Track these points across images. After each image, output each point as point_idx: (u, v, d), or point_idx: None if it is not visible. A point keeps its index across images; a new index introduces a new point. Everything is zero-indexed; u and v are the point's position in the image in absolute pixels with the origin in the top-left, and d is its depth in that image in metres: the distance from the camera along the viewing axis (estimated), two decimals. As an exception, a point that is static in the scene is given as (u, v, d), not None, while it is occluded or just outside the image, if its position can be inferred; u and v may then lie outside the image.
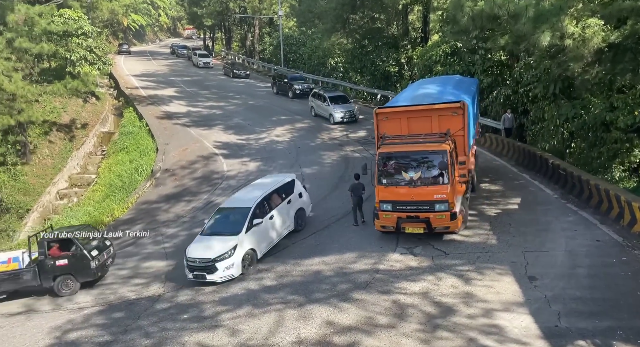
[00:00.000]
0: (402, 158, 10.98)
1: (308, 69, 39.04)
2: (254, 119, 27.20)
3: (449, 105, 11.44)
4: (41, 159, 26.68)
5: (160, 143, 24.67)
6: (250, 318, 9.11)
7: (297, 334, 8.31)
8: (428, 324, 8.21)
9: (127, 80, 38.43)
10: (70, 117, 29.33)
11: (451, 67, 22.65)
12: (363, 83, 32.38)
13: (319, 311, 8.97)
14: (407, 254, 10.93)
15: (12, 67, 23.45)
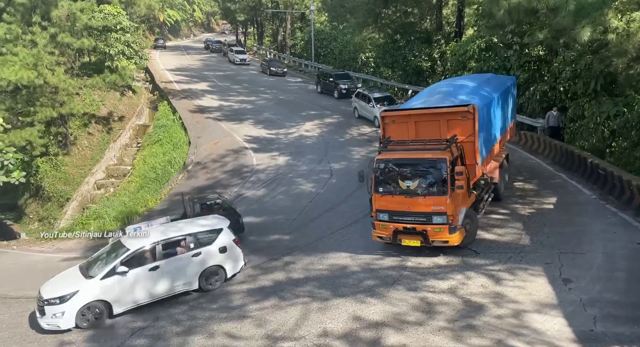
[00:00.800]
0: (400, 166, 10.23)
1: (339, 64, 38.88)
2: (283, 114, 27.38)
3: (456, 109, 10.64)
4: (80, 150, 27.76)
5: (192, 136, 25.23)
6: (276, 310, 9.23)
7: (323, 327, 8.36)
8: (456, 322, 8.10)
9: (162, 74, 39.41)
10: (108, 110, 30.35)
11: (486, 63, 22.08)
12: (394, 78, 32.00)
13: (345, 306, 9.00)
14: (436, 251, 10.79)
15: (55, 61, 24.43)
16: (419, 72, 30.74)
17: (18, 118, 24.36)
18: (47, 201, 25.32)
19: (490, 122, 11.72)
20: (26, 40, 23.73)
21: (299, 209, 14.96)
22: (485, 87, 12.81)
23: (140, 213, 18.33)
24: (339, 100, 29.20)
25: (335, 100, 29.32)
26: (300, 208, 15.00)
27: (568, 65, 17.94)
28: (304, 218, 14.27)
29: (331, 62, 40.21)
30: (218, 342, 8.31)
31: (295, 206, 15.27)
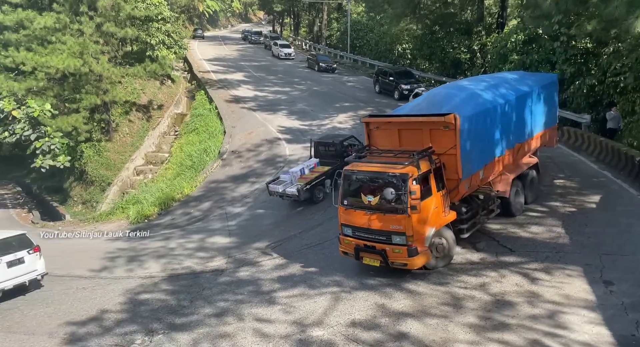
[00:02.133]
0: (364, 179, 9.54)
1: (374, 56, 38.46)
2: (317, 105, 27.38)
3: (435, 119, 9.52)
4: (122, 136, 28.82)
5: (227, 126, 25.68)
6: (305, 298, 9.32)
7: (350, 318, 8.38)
8: (487, 320, 7.93)
9: (200, 64, 40.18)
10: (148, 99, 31.28)
11: (528, 56, 21.25)
12: (431, 71, 31.36)
13: (373, 298, 8.98)
14: (469, 248, 10.56)
15: (100, 50, 25.39)
16: (457, 64, 29.97)
17: (65, 105, 25.50)
18: (90, 185, 26.50)
19: (491, 131, 10.38)
20: (73, 30, 24.74)
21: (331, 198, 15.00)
22: (497, 90, 11.21)
23: (177, 199, 18.89)
24: (400, 101, 25.13)
25: (395, 101, 25.30)
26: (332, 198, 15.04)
27: (618, 58, 17.00)
28: (336, 208, 14.30)
29: (367, 54, 39.78)
30: (248, 325, 8.50)
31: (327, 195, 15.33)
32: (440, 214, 9.45)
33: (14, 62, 23.25)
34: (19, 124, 23.36)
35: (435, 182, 9.37)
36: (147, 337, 8.43)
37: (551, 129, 13.14)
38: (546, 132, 12.79)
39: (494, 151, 10.56)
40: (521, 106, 11.48)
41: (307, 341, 7.82)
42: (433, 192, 9.33)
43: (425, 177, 9.21)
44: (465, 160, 9.56)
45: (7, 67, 24.64)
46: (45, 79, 23.68)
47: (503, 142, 10.82)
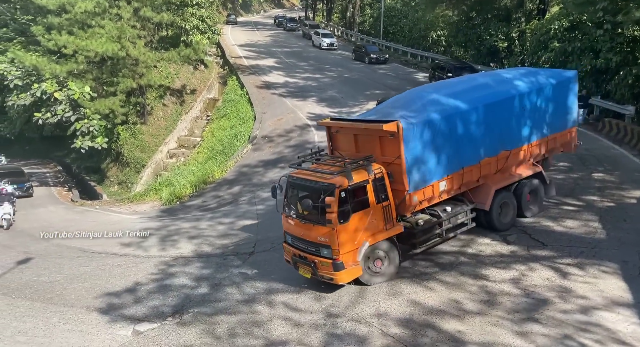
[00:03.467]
0: (298, 187, 9.22)
1: (407, 42, 37.72)
2: (347, 93, 27.18)
3: (374, 126, 9.11)
4: (156, 120, 29.53)
5: (258, 112, 25.89)
6: (333, 286, 9.36)
7: (377, 307, 8.42)
8: (517, 314, 7.81)
9: (232, 49, 40.48)
10: (182, 83, 31.84)
11: (570, 44, 20.39)
12: (466, 58, 30.51)
13: (399, 288, 8.97)
14: (499, 240, 10.37)
15: (137, 35, 25.93)
16: (494, 52, 29.04)
17: (103, 88, 26.28)
18: (126, 166, 27.39)
19: (459, 139, 9.53)
20: (112, 14, 25.31)
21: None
22: (474, 93, 10.20)
23: (208, 183, 19.31)
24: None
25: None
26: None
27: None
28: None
29: (400, 40, 39.04)
30: (278, 312, 8.65)
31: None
32: (379, 227, 8.92)
33: (56, 45, 24.06)
34: (60, 105, 24.27)
35: (375, 194, 8.81)
36: (177, 315, 8.73)
37: (563, 133, 11.41)
38: (556, 136, 11.22)
39: (462, 160, 9.62)
40: (507, 110, 10.24)
41: (336, 329, 7.89)
42: (371, 204, 8.80)
43: (360, 188, 8.70)
44: (414, 171, 8.98)
45: (50, 50, 25.53)
46: (85, 62, 24.44)
47: (478, 150, 9.82)
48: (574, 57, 20.29)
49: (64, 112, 24.26)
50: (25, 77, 25.79)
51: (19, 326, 8.68)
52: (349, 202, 8.56)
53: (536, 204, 11.24)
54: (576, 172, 13.99)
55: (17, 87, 25.96)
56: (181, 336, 8.06)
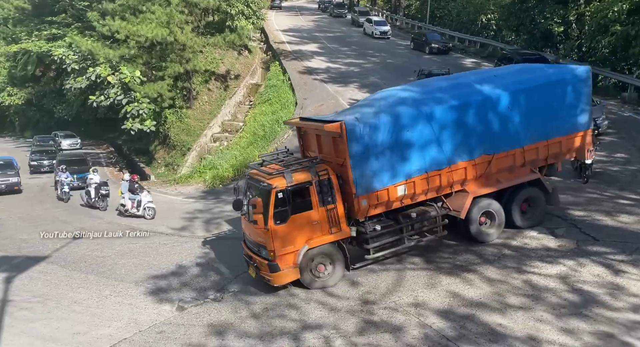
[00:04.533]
0: (252, 186, 9.13)
1: (455, 27, 36.38)
2: (390, 79, 26.64)
3: (317, 125, 8.98)
4: (201, 104, 30.29)
5: (299, 97, 25.95)
6: (369, 273, 9.39)
7: (415, 296, 8.37)
8: (563, 309, 7.53)
9: (275, 35, 40.61)
10: (226, 68, 32.37)
11: (634, 27, 18.92)
12: (518, 43, 29.08)
13: (439, 278, 8.86)
14: (547, 233, 9.98)
15: (184, 20, 26.53)
16: (548, 36, 27.47)
17: (152, 72, 27.19)
18: (172, 149, 28.38)
19: (412, 142, 8.96)
20: (161, 0, 26.00)
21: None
22: (448, 92, 9.54)
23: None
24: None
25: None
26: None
27: None
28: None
29: (447, 24, 37.71)
30: (313, 295, 8.80)
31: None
32: (323, 231, 8.71)
33: (109, 31, 25.05)
34: (112, 89, 25.37)
35: (319, 196, 8.62)
36: (220, 294, 9.07)
37: (571, 137, 10.15)
38: (560, 140, 10.04)
39: (425, 164, 9.08)
40: (485, 111, 9.42)
41: (372, 316, 7.93)
42: (314, 206, 8.61)
43: (301, 190, 8.54)
44: (361, 174, 8.61)
45: (104, 35, 26.62)
46: (136, 47, 25.32)
47: (446, 153, 9.18)
48: (637, 42, 18.86)
49: (116, 95, 25.36)
50: (81, 62, 27.12)
51: (74, 296, 9.31)
52: (287, 203, 8.39)
53: (535, 214, 10.17)
54: (634, 164, 13.17)
55: (74, 71, 27.38)
56: (222, 313, 8.37)
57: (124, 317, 8.37)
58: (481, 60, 29.50)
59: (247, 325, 7.94)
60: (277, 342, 7.40)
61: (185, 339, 7.53)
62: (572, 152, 10.46)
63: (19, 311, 8.71)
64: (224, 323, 8.06)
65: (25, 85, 37.76)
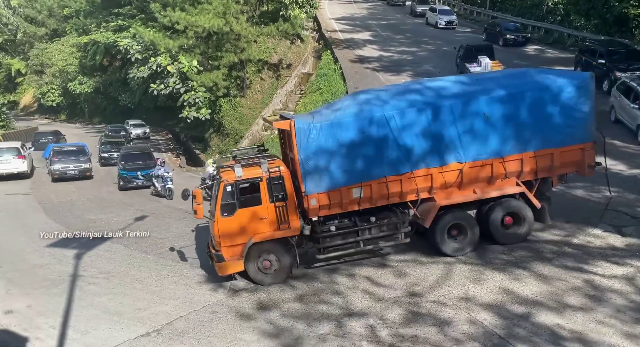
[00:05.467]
0: (214, 178, 9.32)
1: (517, 12, 34.46)
2: (445, 67, 25.81)
3: (272, 123, 8.80)
4: (254, 93, 30.93)
5: (350, 87, 25.77)
6: (417, 265, 9.29)
7: (465, 290, 8.18)
8: (629, 313, 7.06)
9: (328, 23, 40.45)
10: (279, 58, 32.74)
11: None
12: (587, 28, 27.07)
13: (491, 274, 8.59)
14: (613, 232, 9.37)
15: (240, 10, 27.04)
16: (623, 21, 25.32)
17: (208, 62, 28.04)
18: (226, 137, 29.29)
19: (368, 145, 8.79)
20: (218, -10, 26.58)
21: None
22: (420, 94, 9.30)
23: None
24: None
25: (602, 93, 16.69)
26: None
27: None
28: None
29: (509, 10, 35.78)
30: (359, 284, 8.85)
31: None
32: (271, 227, 8.81)
33: (170, 22, 26.05)
34: (172, 78, 26.48)
35: (269, 192, 8.72)
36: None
37: (566, 149, 9.26)
38: (552, 153, 9.20)
39: (383, 168, 8.84)
40: (456, 117, 8.91)
41: (419, 308, 7.86)
42: (263, 201, 8.73)
43: (250, 185, 8.78)
44: (310, 173, 8.61)
45: (165, 26, 27.72)
46: (194, 37, 26.18)
47: (408, 159, 8.86)
48: None
49: (174, 84, 26.44)
50: (144, 52, 28.47)
51: (136, 274, 9.95)
52: (235, 196, 8.64)
53: (519, 230, 9.42)
54: None
55: (137, 60, 28.81)
56: (270, 297, 8.61)
57: (179, 296, 8.83)
58: (561, 51, 26.38)
59: (293, 309, 8.11)
60: (322, 327, 7.50)
61: (237, 321, 7.84)
62: (569, 167, 9.50)
63: (87, 286, 9.44)
64: (272, 306, 8.28)
65: (94, 75, 40.33)
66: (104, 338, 7.44)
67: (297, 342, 7.20)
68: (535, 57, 26.04)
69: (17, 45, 52.40)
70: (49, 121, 45.96)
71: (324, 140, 8.63)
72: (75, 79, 41.24)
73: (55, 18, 48.06)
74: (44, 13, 48.68)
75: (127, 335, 7.50)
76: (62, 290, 9.21)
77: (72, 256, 10.84)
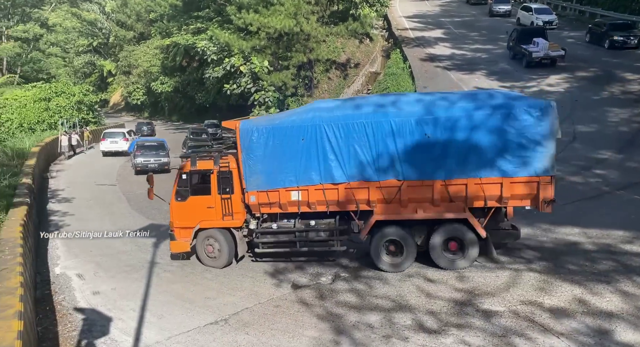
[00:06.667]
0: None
1: (609, 5, 31.58)
2: (523, 65, 24.45)
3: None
4: (321, 93, 31.29)
5: (419, 86, 25.20)
6: (481, 269, 8.99)
7: (534, 299, 7.73)
8: None
9: (398, 21, 39.82)
10: (347, 57, 32.86)
11: None
12: None
13: (568, 285, 8.02)
14: None
15: (311, 10, 27.48)
16: None
17: (278, 62, 28.83)
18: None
19: (304, 152, 9.15)
20: (290, -9, 27.21)
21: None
22: (366, 108, 9.21)
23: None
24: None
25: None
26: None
27: None
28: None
29: (599, 3, 32.92)
30: (414, 282, 8.77)
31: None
32: (217, 216, 9.72)
33: (244, 23, 27.13)
34: (244, 78, 27.59)
35: (218, 185, 9.63)
36: (331, 278, 9.41)
37: (515, 180, 8.68)
38: (500, 182, 8.68)
39: (320, 176, 9.19)
40: (394, 134, 8.81)
41: (476, 310, 7.62)
42: (212, 192, 9.64)
43: (202, 176, 9.77)
44: (249, 171, 9.43)
45: (239, 28, 28.95)
46: (265, 38, 27.07)
47: (347, 170, 9.07)
48: None
49: (246, 84, 27.52)
50: (219, 53, 29.91)
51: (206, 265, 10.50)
52: (188, 184, 9.81)
53: (462, 258, 9.00)
54: None
55: (212, 61, 30.35)
56: (333, 295, 8.69)
57: (246, 288, 9.20)
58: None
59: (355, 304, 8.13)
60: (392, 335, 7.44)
61: (299, 316, 8.01)
62: (522, 199, 8.85)
63: (163, 272, 10.14)
64: (333, 303, 8.35)
65: (174, 75, 43.09)
66: (177, 323, 7.95)
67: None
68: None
69: (109, 48, 57.50)
70: (134, 118, 49.84)
71: (264, 143, 9.28)
72: (158, 79, 44.36)
73: (142, 22, 52.03)
74: (132, 17, 52.90)
75: (197, 322, 7.94)
76: (141, 275, 9.96)
77: (150, 244, 11.67)
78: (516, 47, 25.08)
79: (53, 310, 8.63)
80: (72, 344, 7.49)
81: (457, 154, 8.72)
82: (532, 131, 8.49)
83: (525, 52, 24.12)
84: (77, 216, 14.34)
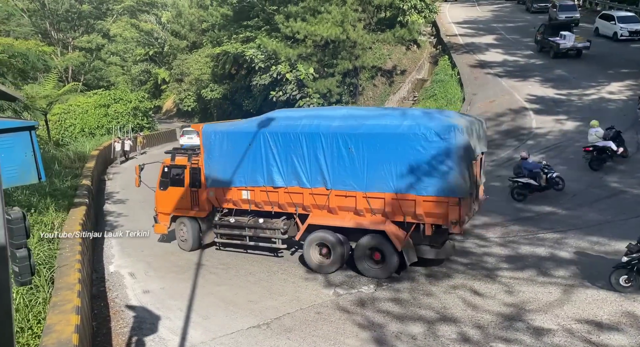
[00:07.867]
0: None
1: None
2: (581, 71, 23.27)
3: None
4: (365, 100, 31.23)
5: (467, 93, 24.59)
6: (530, 283, 8.65)
7: (590, 317, 7.27)
8: None
9: (448, 27, 39.10)
10: (393, 64, 32.61)
11: None
12: None
13: (618, 299, 7.58)
14: None
15: (357, 18, 27.59)
16: None
17: (324, 69, 29.12)
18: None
19: (249, 156, 10.29)
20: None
21: (585, 182, 12.93)
22: (303, 121, 10.00)
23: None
24: None
25: None
26: (586, 182, 12.95)
27: None
28: (589, 196, 12.25)
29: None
30: (459, 294, 8.53)
31: (579, 179, 13.22)
32: (187, 206, 11.34)
33: (291, 32, 27.69)
34: (289, 85, 28.05)
35: (190, 179, 11.17)
36: (373, 286, 9.31)
37: (427, 199, 8.87)
38: (415, 200, 8.94)
39: (263, 179, 10.22)
40: (326, 147, 9.50)
41: (524, 325, 7.29)
42: (185, 185, 11.25)
43: (178, 170, 11.33)
44: (207, 169, 10.82)
45: (286, 36, 29.57)
46: (312, 46, 27.45)
47: (280, 175, 10.04)
48: None
49: (292, 91, 27.97)
50: (266, 61, 30.62)
51: (249, 268, 10.69)
52: (168, 176, 11.43)
53: (381, 269, 9.45)
54: None
55: (260, 69, 31.09)
56: (374, 304, 8.58)
57: (288, 293, 9.26)
58: None
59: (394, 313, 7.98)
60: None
61: (340, 324, 7.96)
62: (435, 218, 9.03)
63: (208, 274, 10.41)
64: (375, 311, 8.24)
65: (223, 82, 44.48)
66: (221, 325, 8.11)
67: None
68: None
69: (164, 57, 60.34)
70: (183, 124, 51.89)
71: (219, 146, 10.57)
72: (208, 86, 45.97)
73: (195, 31, 54.20)
74: (186, 27, 55.27)
75: (240, 325, 8.07)
76: (188, 276, 10.28)
77: (197, 245, 12.08)
78: (544, 40, 27.21)
79: (107, 306, 9.07)
80: (123, 340, 7.83)
81: (375, 168, 9.22)
82: (440, 153, 8.75)
83: (553, 44, 26.15)
84: (130, 216, 15.08)
